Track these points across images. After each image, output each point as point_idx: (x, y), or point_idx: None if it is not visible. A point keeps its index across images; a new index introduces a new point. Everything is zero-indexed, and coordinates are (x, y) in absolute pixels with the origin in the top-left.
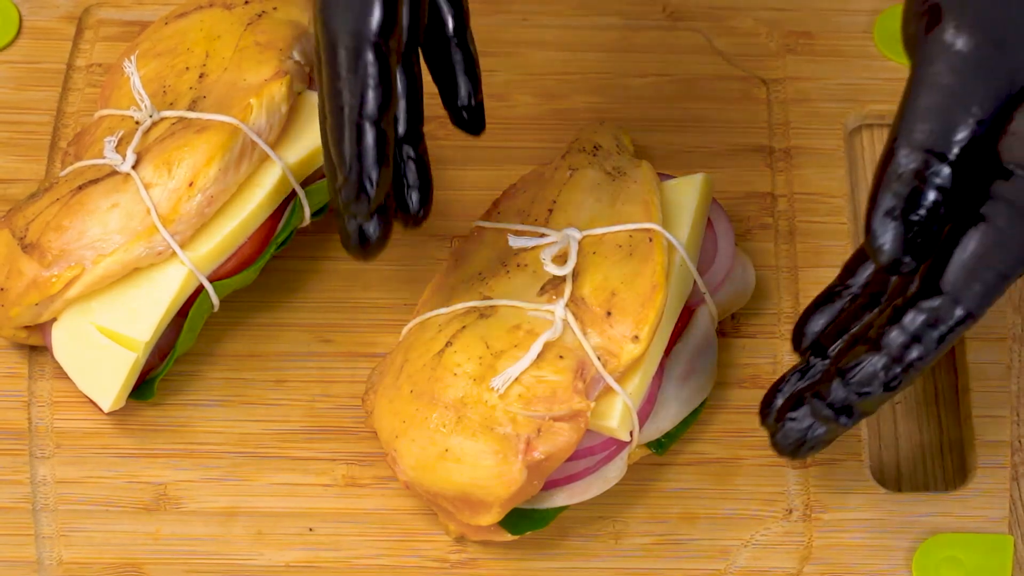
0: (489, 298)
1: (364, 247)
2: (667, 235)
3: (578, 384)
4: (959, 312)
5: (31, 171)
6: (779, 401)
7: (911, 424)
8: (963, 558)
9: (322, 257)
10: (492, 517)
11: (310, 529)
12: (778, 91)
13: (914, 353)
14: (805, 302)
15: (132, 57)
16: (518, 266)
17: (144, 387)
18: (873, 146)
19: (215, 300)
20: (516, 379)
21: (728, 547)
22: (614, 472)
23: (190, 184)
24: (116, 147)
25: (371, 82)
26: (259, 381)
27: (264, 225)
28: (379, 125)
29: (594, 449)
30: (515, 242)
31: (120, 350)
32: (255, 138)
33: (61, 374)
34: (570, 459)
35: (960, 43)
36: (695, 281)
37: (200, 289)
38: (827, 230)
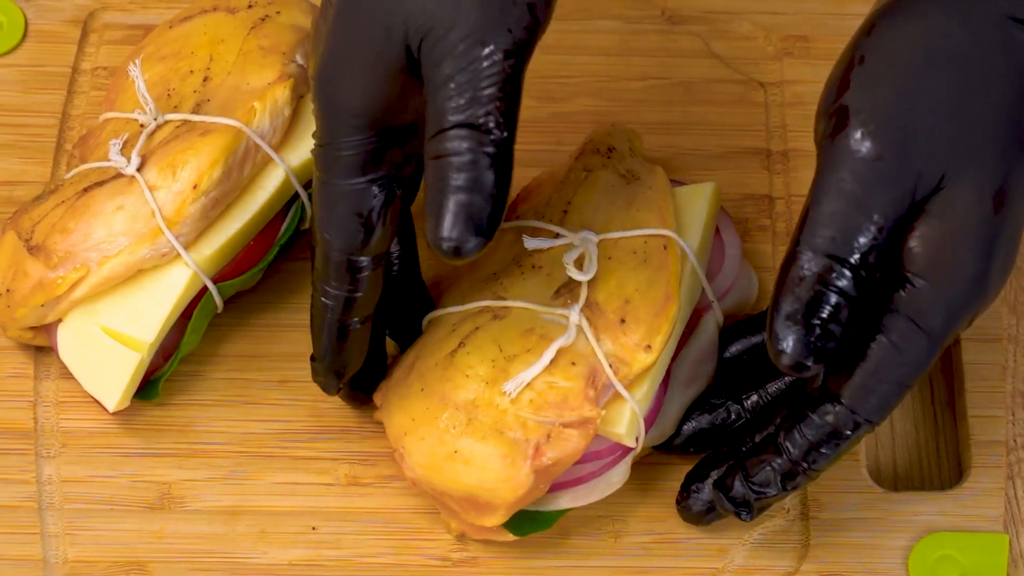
0: (503, 299)
1: (327, 391)
2: (681, 243)
3: (589, 391)
4: (856, 421)
5: (37, 173)
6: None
7: (907, 424)
8: (959, 556)
9: None
10: (497, 519)
11: (313, 528)
12: (776, 94)
13: (812, 460)
14: None
15: (137, 61)
16: (533, 267)
17: (149, 387)
18: None
19: (219, 301)
20: (528, 384)
21: (726, 546)
22: (618, 476)
23: (194, 186)
24: (121, 150)
25: (354, 291)
26: (262, 381)
27: (267, 227)
28: (354, 325)
29: (600, 454)
30: (530, 243)
31: (125, 351)
32: (258, 141)
33: (66, 374)
34: (575, 463)
35: (864, 149)
36: (703, 289)
37: (204, 290)
38: None
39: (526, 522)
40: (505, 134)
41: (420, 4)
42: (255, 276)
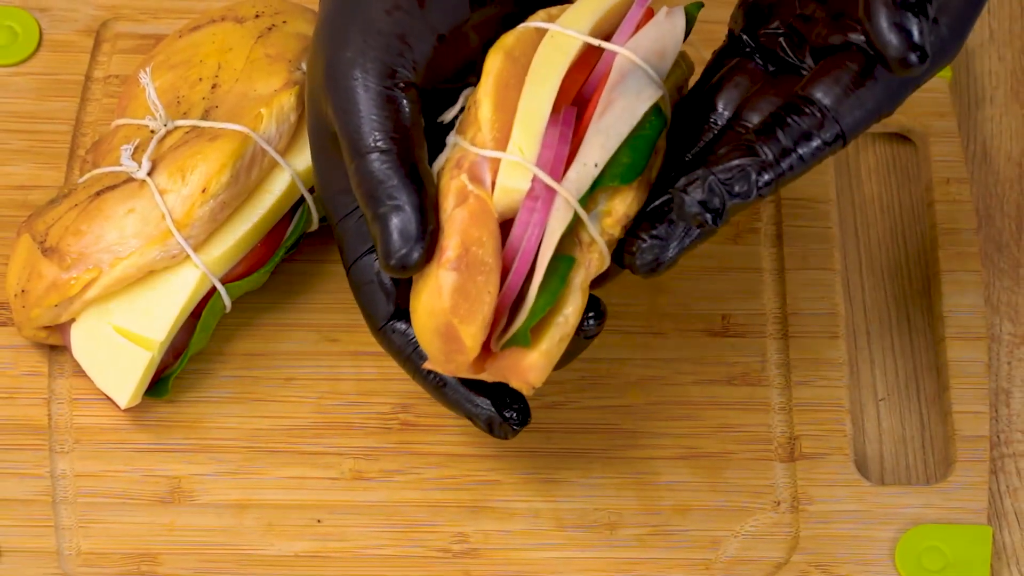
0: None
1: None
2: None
3: (456, 172)
4: (837, 132)
5: (51, 178)
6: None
7: (894, 420)
8: (944, 548)
9: (329, 260)
10: (469, 332)
11: (318, 521)
12: None
13: (788, 164)
14: (792, 303)
15: (147, 69)
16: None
17: (159, 385)
18: (858, 153)
19: (227, 301)
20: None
21: (719, 537)
22: (555, 222)
23: (203, 190)
24: (132, 155)
25: (411, 354)
26: (269, 379)
27: (274, 229)
28: (442, 381)
29: (523, 219)
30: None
31: (136, 349)
32: (265, 146)
33: (80, 372)
34: (514, 244)
35: None
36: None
37: (213, 291)
38: (814, 234)
39: (532, 323)
40: (400, 145)
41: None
42: (262, 277)
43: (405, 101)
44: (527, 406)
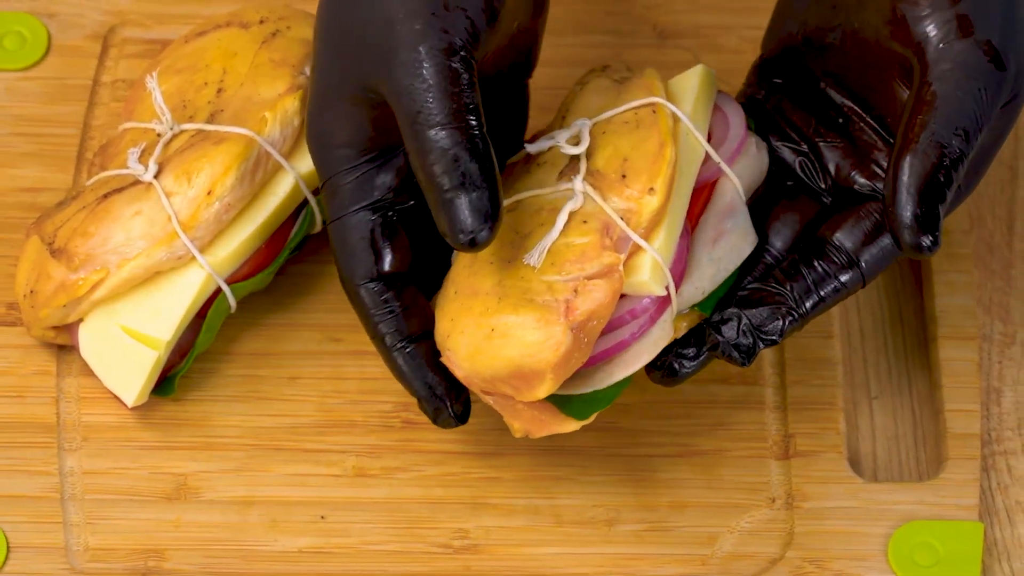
0: (513, 195)
1: (446, 419)
2: (669, 105)
3: (605, 241)
4: (864, 281)
5: (59, 180)
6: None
7: (887, 418)
8: (936, 544)
9: (332, 262)
10: (547, 386)
11: (322, 517)
12: None
13: (815, 308)
14: None
15: (154, 73)
16: (537, 164)
17: (165, 384)
18: None
19: (232, 302)
20: (547, 251)
21: (715, 534)
22: (659, 332)
23: (208, 192)
24: (139, 158)
25: (379, 316)
26: (273, 378)
27: (278, 231)
28: (404, 347)
29: (635, 312)
30: (532, 147)
31: (143, 349)
32: (269, 149)
33: (87, 371)
34: (615, 327)
35: (989, 58)
36: (707, 154)
37: (218, 291)
38: None
39: (587, 404)
40: (472, 121)
41: (368, 54)
42: (267, 278)
43: (469, 77)
44: (470, 407)
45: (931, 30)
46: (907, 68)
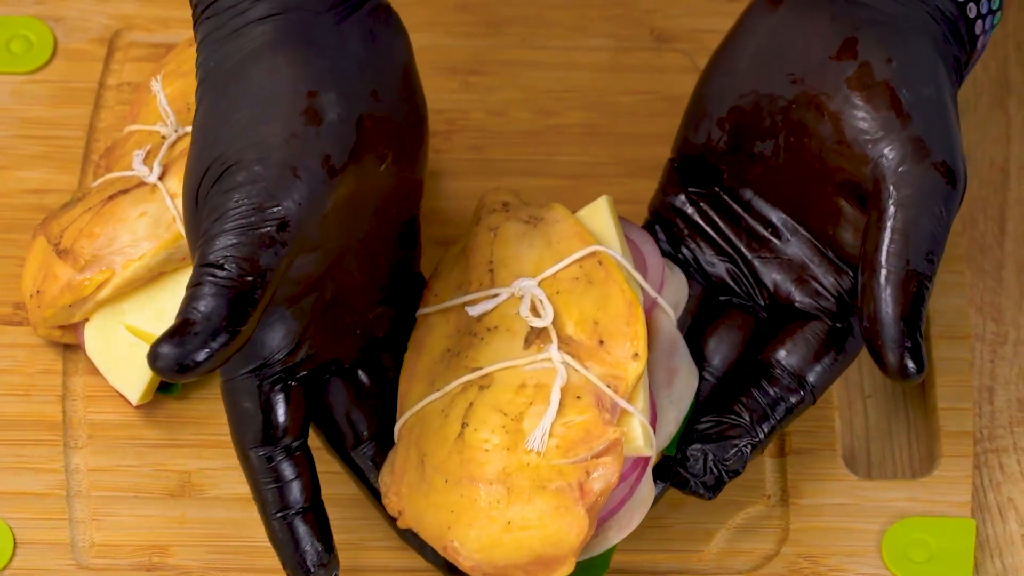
0: (479, 368)
1: None
2: (612, 253)
3: (605, 415)
4: (813, 401)
5: (65, 182)
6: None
7: (880, 416)
8: (929, 540)
9: None
10: (568, 567)
11: None
12: None
13: (771, 434)
14: None
15: (159, 77)
16: (488, 330)
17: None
18: None
19: None
20: (548, 432)
21: (711, 530)
22: (647, 490)
23: None
24: (144, 160)
25: (263, 482)
26: None
27: None
28: (284, 516)
29: (625, 475)
30: (475, 310)
31: (148, 348)
32: None
33: (93, 370)
34: None
35: (947, 180)
36: (642, 288)
37: None
38: None
39: (583, 571)
40: (235, 270)
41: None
42: None
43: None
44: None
45: (888, 152)
46: (850, 183)
